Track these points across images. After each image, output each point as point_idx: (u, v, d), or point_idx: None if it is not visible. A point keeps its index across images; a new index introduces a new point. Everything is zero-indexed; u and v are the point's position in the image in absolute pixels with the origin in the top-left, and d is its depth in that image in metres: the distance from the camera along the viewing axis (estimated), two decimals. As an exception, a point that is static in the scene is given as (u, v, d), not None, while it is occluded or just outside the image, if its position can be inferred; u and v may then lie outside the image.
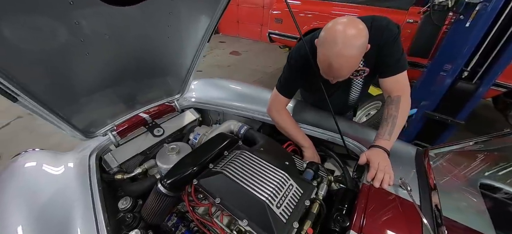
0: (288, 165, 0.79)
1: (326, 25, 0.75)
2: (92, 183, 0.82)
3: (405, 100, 0.87)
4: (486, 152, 0.98)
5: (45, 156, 0.96)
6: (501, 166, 0.91)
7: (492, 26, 1.42)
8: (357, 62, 0.75)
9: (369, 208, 0.61)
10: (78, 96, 0.84)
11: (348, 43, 0.69)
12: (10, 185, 0.83)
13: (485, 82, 1.52)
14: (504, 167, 0.90)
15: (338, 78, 0.80)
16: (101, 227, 0.66)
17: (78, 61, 0.72)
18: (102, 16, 0.66)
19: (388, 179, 0.71)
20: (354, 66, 0.77)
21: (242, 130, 1.08)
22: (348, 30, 0.69)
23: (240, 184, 0.67)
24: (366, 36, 0.72)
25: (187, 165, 0.79)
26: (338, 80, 0.81)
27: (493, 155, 0.98)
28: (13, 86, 0.59)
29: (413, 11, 2.59)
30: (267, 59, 5.41)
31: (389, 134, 0.83)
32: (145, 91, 1.16)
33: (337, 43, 0.69)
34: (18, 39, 0.55)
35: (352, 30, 0.69)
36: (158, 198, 0.75)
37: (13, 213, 0.73)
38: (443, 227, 0.54)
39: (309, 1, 3.45)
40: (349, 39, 0.68)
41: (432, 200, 0.65)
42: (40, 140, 2.56)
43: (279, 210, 0.61)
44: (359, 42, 0.70)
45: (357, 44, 0.70)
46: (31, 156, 0.96)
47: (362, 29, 0.71)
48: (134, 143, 1.12)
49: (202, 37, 1.05)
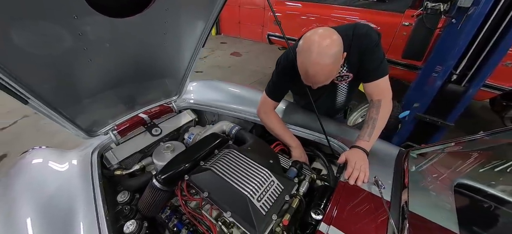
0: (272, 163, 0.86)
1: (304, 35, 0.81)
2: (93, 178, 0.89)
3: (385, 104, 0.92)
4: (467, 153, 1.03)
5: (51, 153, 1.03)
6: (479, 166, 0.96)
7: (480, 31, 1.46)
8: (332, 69, 0.80)
9: (342, 203, 0.67)
10: (82, 98, 0.92)
11: (322, 53, 0.75)
12: (18, 180, 0.90)
13: (474, 85, 1.56)
14: (481, 168, 0.95)
15: (317, 84, 0.85)
16: (101, 218, 0.73)
17: (82, 67, 0.80)
18: (103, 27, 0.73)
19: (363, 177, 0.77)
20: (330, 74, 0.82)
21: (233, 130, 1.15)
22: (323, 41, 0.75)
23: (226, 179, 0.74)
24: (340, 45, 0.78)
25: (179, 162, 0.86)
26: (318, 85, 0.86)
27: (473, 156, 1.02)
28: (24, 90, 0.66)
29: (409, 14, 2.62)
30: (267, 60, 5.47)
31: (369, 136, 0.88)
32: (144, 93, 1.23)
33: (312, 52, 0.75)
34: (28, 48, 0.63)
35: (327, 40, 0.75)
36: (153, 192, 0.82)
37: (22, 206, 0.80)
38: (406, 220, 0.59)
39: (310, 4, 3.50)
40: (323, 48, 0.74)
41: (402, 197, 0.70)
42: (46, 138, 2.66)
43: (259, 203, 0.68)
44: (332, 51, 0.75)
45: (330, 53, 0.75)
46: (37, 153, 1.04)
47: (336, 39, 0.77)
48: (133, 141, 1.20)
49: (197, 42, 1.12)
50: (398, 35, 2.70)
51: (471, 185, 0.87)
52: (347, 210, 0.66)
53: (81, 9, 0.62)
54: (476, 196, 0.85)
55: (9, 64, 0.59)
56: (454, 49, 1.55)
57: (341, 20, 3.19)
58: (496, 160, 0.86)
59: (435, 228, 0.59)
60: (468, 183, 0.88)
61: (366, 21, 2.93)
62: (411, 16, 2.41)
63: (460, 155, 1.01)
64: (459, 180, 0.88)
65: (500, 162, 0.85)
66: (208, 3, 0.94)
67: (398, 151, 1.03)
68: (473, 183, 0.88)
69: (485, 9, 1.41)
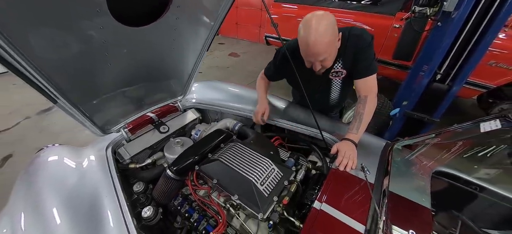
0: (273, 154, 0.97)
1: (305, 17, 0.93)
2: (111, 170, 0.99)
3: (371, 99, 1.04)
4: (445, 144, 1.15)
5: (65, 150, 1.11)
6: (454, 155, 1.08)
7: (461, 33, 1.59)
8: (330, 41, 0.90)
9: (332, 186, 0.78)
10: (99, 98, 1.01)
11: (321, 24, 0.86)
12: (39, 176, 0.97)
13: (456, 84, 1.69)
14: (457, 156, 1.07)
15: (317, 57, 0.93)
16: (123, 204, 0.83)
17: (102, 70, 0.90)
18: (123, 35, 0.83)
19: (351, 164, 0.88)
20: (328, 46, 0.91)
21: (236, 126, 1.26)
22: (320, 16, 0.88)
23: (232, 168, 0.84)
24: (334, 22, 0.90)
25: (190, 155, 0.96)
26: (318, 60, 0.94)
27: (450, 146, 1.15)
28: (55, 91, 0.76)
29: (400, 17, 2.76)
30: (265, 61, 5.52)
31: (357, 129, 1.00)
32: (152, 93, 1.33)
33: (311, 25, 0.87)
34: (61, 54, 0.72)
35: (324, 16, 0.88)
36: (167, 181, 0.92)
37: (47, 198, 0.88)
38: (385, 197, 0.71)
39: (305, 6, 3.62)
40: (321, 20, 0.87)
41: (384, 181, 0.82)
42: (50, 138, 2.71)
43: (262, 187, 0.78)
44: (329, 23, 0.88)
45: (328, 24, 0.87)
46: (52, 151, 1.11)
47: (331, 16, 0.90)
48: (143, 138, 1.29)
49: (202, 47, 1.23)
50: (389, 37, 2.84)
51: (447, 172, 1.00)
52: (337, 191, 0.77)
53: (107, 21, 0.72)
54: (450, 181, 0.97)
55: (46, 69, 0.69)
56: (438, 50, 1.68)
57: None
58: (468, 149, 0.99)
59: (409, 204, 0.71)
60: (445, 170, 1.00)
61: (360, 23, 3.07)
62: (401, 19, 2.55)
63: (439, 146, 1.14)
64: (438, 168, 1.00)
65: (471, 151, 0.98)
66: (213, 10, 1.04)
67: (385, 143, 1.16)
68: (449, 170, 1.00)
69: (465, 13, 1.54)
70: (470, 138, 0.94)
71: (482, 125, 0.83)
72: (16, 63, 0.60)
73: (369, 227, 0.64)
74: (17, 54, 0.58)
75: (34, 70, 0.65)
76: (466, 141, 0.97)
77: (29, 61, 0.62)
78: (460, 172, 0.98)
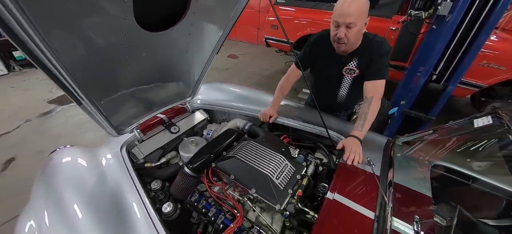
0: (284, 151, 1.03)
1: None
2: (128, 168, 1.03)
3: (376, 101, 1.11)
4: (442, 139, 1.23)
5: (78, 151, 1.15)
6: (450, 150, 1.16)
7: (454, 36, 1.69)
8: (361, 8, 1.00)
9: (342, 178, 0.85)
10: (117, 100, 1.05)
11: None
12: (56, 176, 1.01)
13: (451, 84, 1.79)
14: (453, 151, 1.15)
15: (346, 19, 1.00)
16: (144, 198, 0.88)
17: (122, 72, 0.94)
18: (143, 39, 0.88)
19: (357, 158, 0.95)
20: (359, 10, 1.00)
21: (246, 126, 1.31)
22: None
23: (248, 163, 0.90)
24: (368, 4, 1.02)
25: (206, 153, 1.01)
26: (343, 26, 1.02)
27: (446, 142, 1.23)
28: (82, 92, 0.80)
29: (396, 20, 2.86)
30: (263, 62, 5.65)
31: (361, 126, 1.07)
32: (163, 95, 1.37)
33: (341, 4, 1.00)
34: (88, 56, 0.76)
35: None
36: (185, 178, 0.97)
37: (67, 196, 0.92)
38: (391, 187, 0.77)
39: (302, 9, 3.70)
40: None
41: (389, 173, 0.89)
42: (51, 141, 2.71)
43: (278, 181, 0.84)
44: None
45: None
46: (66, 152, 1.14)
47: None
48: (154, 139, 1.34)
49: (213, 50, 1.28)
50: (386, 39, 2.94)
51: (444, 165, 1.07)
52: (346, 183, 0.83)
53: (131, 27, 0.77)
54: (447, 174, 1.05)
55: (75, 71, 0.73)
56: (433, 52, 1.77)
57: (333, 24, 3.41)
58: (463, 144, 1.06)
59: (412, 193, 0.78)
60: (442, 164, 1.08)
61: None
62: (397, 22, 2.65)
63: (437, 142, 1.21)
64: (436, 161, 1.07)
65: (466, 145, 1.06)
66: (226, 16, 1.10)
67: (387, 140, 1.23)
68: (446, 164, 1.08)
69: (459, 17, 1.64)
70: (464, 133, 1.02)
71: (475, 121, 0.91)
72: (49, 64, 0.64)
73: (378, 213, 0.71)
74: (52, 56, 0.63)
75: (65, 72, 0.69)
76: (461, 137, 1.05)
77: (61, 62, 0.66)
78: (456, 165, 1.06)
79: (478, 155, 0.99)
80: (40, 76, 4.37)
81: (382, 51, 1.11)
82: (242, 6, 1.07)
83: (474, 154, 1.01)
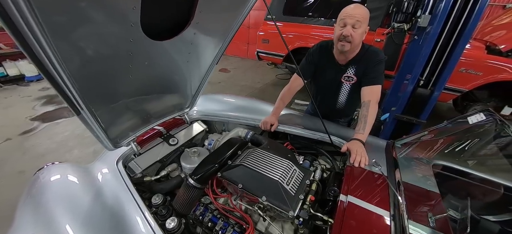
0: (290, 156, 1.01)
1: None
2: (126, 183, 0.97)
3: (373, 104, 1.16)
4: (438, 139, 1.28)
5: (67, 167, 1.08)
6: (447, 148, 1.21)
7: (436, 45, 1.82)
8: (366, 13, 1.09)
9: (352, 180, 0.84)
10: (116, 110, 1.01)
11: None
12: (46, 196, 0.93)
13: (437, 88, 1.90)
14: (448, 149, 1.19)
15: (352, 18, 1.08)
16: (147, 214, 0.82)
17: (123, 81, 0.91)
18: (147, 48, 0.86)
19: (364, 160, 0.96)
20: (364, 14, 1.09)
21: (248, 135, 1.30)
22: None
23: (256, 171, 0.88)
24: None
25: (210, 163, 0.98)
26: (349, 25, 1.09)
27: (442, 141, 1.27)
28: (82, 101, 0.76)
29: (380, 32, 3.07)
30: (255, 75, 5.74)
31: (363, 129, 1.09)
32: (162, 106, 1.34)
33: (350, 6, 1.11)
34: (91, 62, 0.73)
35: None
36: (188, 190, 0.92)
37: (59, 216, 0.84)
38: (401, 186, 0.78)
39: (290, 24, 3.87)
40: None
41: (396, 173, 0.90)
42: (34, 161, 2.53)
43: (288, 187, 0.82)
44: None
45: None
46: (54, 169, 1.07)
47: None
48: (152, 151, 1.28)
49: (212, 60, 1.29)
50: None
51: (444, 164, 1.11)
52: (356, 185, 0.83)
53: (137, 34, 0.76)
54: (444, 172, 1.08)
55: (77, 77, 0.70)
56: (418, 60, 1.90)
57: (319, 37, 3.58)
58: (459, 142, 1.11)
59: (421, 191, 0.79)
60: (441, 162, 1.11)
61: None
62: (382, 34, 2.84)
63: (435, 141, 1.26)
64: (435, 159, 1.11)
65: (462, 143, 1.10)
66: (227, 27, 1.12)
67: (386, 143, 1.26)
68: (445, 162, 1.11)
69: (438, 28, 1.78)
70: (460, 131, 1.07)
71: (469, 118, 0.96)
72: (53, 71, 0.61)
73: (393, 212, 0.70)
74: (55, 59, 0.59)
75: (68, 77, 0.65)
76: (456, 135, 1.10)
77: (64, 67, 0.63)
78: (454, 163, 1.10)
79: (474, 150, 1.04)
80: (22, 93, 4.15)
81: (377, 59, 1.19)
82: (243, 17, 1.10)
83: (470, 150, 1.05)
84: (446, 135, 1.21)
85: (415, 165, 0.97)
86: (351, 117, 1.59)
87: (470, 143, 1.05)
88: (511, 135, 0.83)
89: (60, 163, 1.15)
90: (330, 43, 1.28)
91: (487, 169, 1.03)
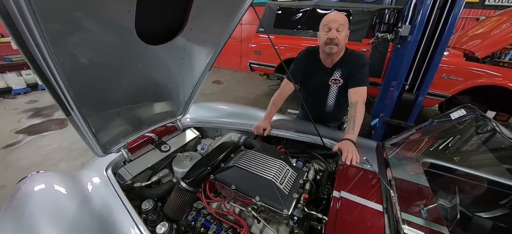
0: (283, 157, 1.02)
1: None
2: (116, 190, 0.94)
3: (360, 104, 1.21)
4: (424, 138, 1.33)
5: (52, 176, 1.04)
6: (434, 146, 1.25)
7: (417, 52, 1.94)
8: (345, 19, 1.19)
9: (344, 177, 0.85)
10: (107, 114, 1.00)
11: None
12: (29, 207, 0.88)
13: (422, 92, 1.99)
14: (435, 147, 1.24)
15: (335, 23, 1.17)
16: (137, 220, 0.79)
17: (116, 84, 0.91)
18: (140, 52, 0.87)
19: (355, 158, 0.98)
20: (344, 20, 1.19)
21: (241, 139, 1.30)
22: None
23: (250, 171, 0.87)
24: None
25: (202, 166, 0.97)
26: (334, 29, 1.17)
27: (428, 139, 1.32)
28: (73, 102, 0.75)
29: (365, 42, 3.24)
30: (248, 86, 5.82)
31: (352, 129, 1.12)
32: (154, 112, 1.33)
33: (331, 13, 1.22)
34: (84, 62, 0.73)
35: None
36: (180, 194, 0.90)
37: (44, 229, 0.79)
38: (392, 180, 0.79)
39: (281, 36, 4.02)
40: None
41: (387, 171, 0.92)
42: (18, 174, 2.37)
43: (282, 186, 0.82)
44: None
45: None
46: (37, 178, 1.02)
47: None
48: (143, 158, 1.25)
49: (205, 67, 1.31)
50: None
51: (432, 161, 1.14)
52: (349, 181, 0.83)
53: (130, 38, 0.78)
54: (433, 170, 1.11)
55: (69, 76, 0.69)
56: (402, 66, 2.00)
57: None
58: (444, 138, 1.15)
59: (412, 185, 0.80)
60: (430, 160, 1.15)
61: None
62: (367, 44, 2.99)
63: (421, 140, 1.31)
64: (424, 157, 1.14)
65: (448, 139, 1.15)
66: (219, 34, 1.16)
67: (376, 143, 1.29)
68: (433, 160, 1.15)
69: (417, 37, 1.90)
70: (445, 128, 1.12)
71: (452, 115, 1.01)
72: (44, 66, 0.61)
73: (386, 205, 0.71)
74: (49, 56, 0.59)
75: (59, 76, 0.65)
76: (442, 132, 1.15)
77: (57, 65, 0.63)
78: (442, 160, 1.13)
79: (459, 146, 1.08)
80: (7, 106, 4.00)
81: (361, 62, 1.26)
82: (235, 25, 1.14)
83: (455, 146, 1.09)
84: (433, 134, 1.26)
85: (405, 163, 1.00)
86: (341, 121, 1.64)
87: (454, 139, 1.10)
88: (492, 127, 0.88)
89: (45, 171, 1.10)
90: (316, 48, 1.35)
91: (472, 164, 1.07)
